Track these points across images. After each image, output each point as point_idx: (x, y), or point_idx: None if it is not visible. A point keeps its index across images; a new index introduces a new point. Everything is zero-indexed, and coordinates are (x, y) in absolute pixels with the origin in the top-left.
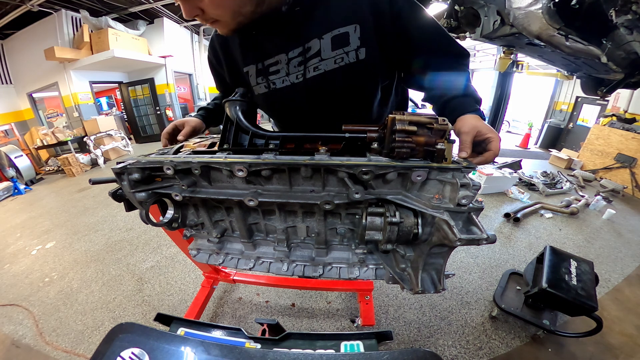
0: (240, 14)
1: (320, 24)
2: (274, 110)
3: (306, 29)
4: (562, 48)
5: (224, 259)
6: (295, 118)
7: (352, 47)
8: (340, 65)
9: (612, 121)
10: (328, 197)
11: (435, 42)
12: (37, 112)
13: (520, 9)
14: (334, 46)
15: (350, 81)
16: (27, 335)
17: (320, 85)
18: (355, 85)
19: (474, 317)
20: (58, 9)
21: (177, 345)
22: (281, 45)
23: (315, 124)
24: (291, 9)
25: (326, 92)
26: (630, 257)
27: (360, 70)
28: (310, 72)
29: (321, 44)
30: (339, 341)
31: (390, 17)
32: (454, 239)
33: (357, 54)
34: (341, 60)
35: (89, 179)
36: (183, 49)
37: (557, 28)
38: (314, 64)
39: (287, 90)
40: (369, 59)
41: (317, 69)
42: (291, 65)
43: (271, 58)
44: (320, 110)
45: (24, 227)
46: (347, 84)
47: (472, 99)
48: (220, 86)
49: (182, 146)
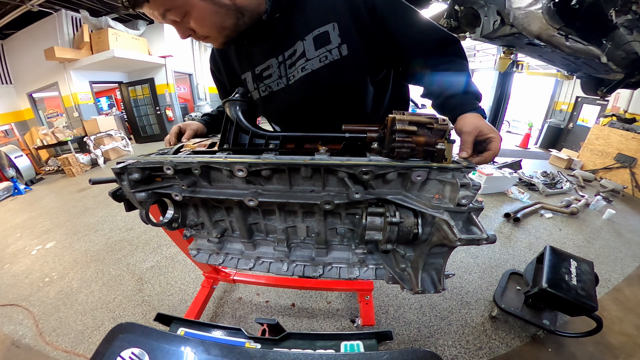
0: (225, 29)
1: (301, 26)
2: (274, 113)
3: (289, 33)
4: (562, 48)
5: (224, 259)
6: (294, 119)
7: (333, 44)
8: (325, 63)
9: (612, 121)
10: (328, 197)
11: (417, 30)
12: (37, 112)
13: (520, 9)
14: (317, 45)
15: (337, 77)
16: (27, 335)
17: (309, 84)
18: (342, 80)
19: (474, 317)
20: (58, 9)
21: (177, 345)
22: (269, 51)
23: (314, 124)
24: (271, 17)
25: (316, 91)
26: (630, 257)
27: (345, 65)
28: (299, 72)
29: (304, 45)
30: (339, 341)
31: (366, 11)
32: (454, 239)
33: (340, 50)
34: (325, 59)
35: (89, 179)
36: (183, 49)
37: (557, 28)
38: (301, 65)
39: (282, 93)
40: (352, 54)
41: (304, 69)
42: (282, 69)
43: (263, 64)
44: (315, 108)
45: (24, 227)
46: (334, 81)
47: (472, 96)
48: (223, 95)
49: (182, 146)
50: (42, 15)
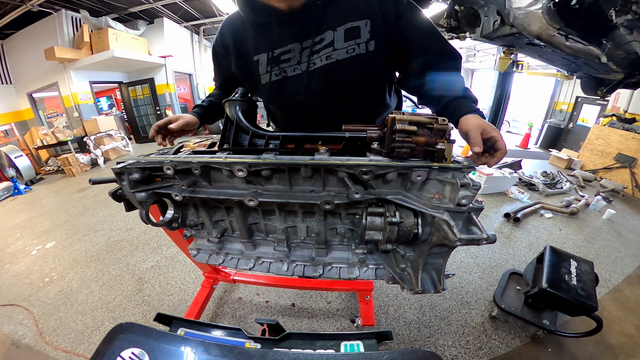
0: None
1: (335, 17)
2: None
3: (322, 20)
4: (562, 48)
5: (224, 259)
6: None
7: (362, 39)
8: (352, 55)
9: (612, 121)
10: (328, 197)
11: (429, 41)
12: (37, 112)
13: (520, 9)
14: (347, 38)
15: (360, 70)
16: (27, 335)
17: (330, 73)
18: (364, 73)
19: (474, 317)
20: (58, 9)
21: (177, 345)
22: (295, 35)
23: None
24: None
25: (335, 80)
26: (630, 257)
27: (369, 60)
28: (322, 60)
29: (334, 35)
30: (339, 341)
31: (395, 15)
32: (454, 239)
33: (367, 46)
34: (352, 51)
35: (89, 179)
36: (183, 49)
37: (557, 28)
38: (327, 54)
39: (296, 79)
40: (378, 51)
41: (329, 57)
42: (304, 55)
43: (284, 47)
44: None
45: (24, 227)
46: (356, 73)
47: (470, 100)
48: (219, 78)
49: (182, 146)
50: (42, 15)
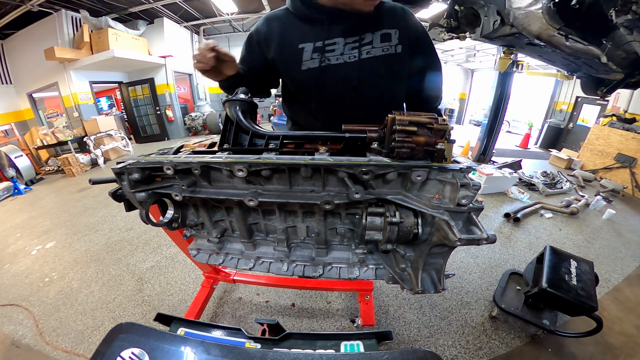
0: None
1: (374, 23)
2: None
3: (366, 23)
4: (562, 48)
5: (224, 259)
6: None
7: (393, 43)
8: (386, 53)
9: (612, 121)
10: (328, 197)
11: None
12: (37, 112)
13: (520, 9)
14: (382, 40)
15: (391, 66)
16: (27, 335)
17: (370, 64)
18: (393, 68)
19: (474, 317)
20: (58, 9)
21: (177, 345)
22: (341, 32)
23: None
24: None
25: (374, 71)
26: (630, 257)
27: (397, 60)
28: (363, 54)
29: (373, 37)
30: (339, 341)
31: (415, 35)
32: (454, 239)
33: (396, 48)
34: (387, 50)
35: (89, 179)
36: (183, 49)
37: (557, 28)
38: (367, 49)
39: (340, 67)
40: (403, 54)
41: (369, 53)
42: (346, 48)
43: (330, 39)
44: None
45: (24, 227)
46: (388, 68)
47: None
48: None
49: (182, 146)
50: (42, 15)
